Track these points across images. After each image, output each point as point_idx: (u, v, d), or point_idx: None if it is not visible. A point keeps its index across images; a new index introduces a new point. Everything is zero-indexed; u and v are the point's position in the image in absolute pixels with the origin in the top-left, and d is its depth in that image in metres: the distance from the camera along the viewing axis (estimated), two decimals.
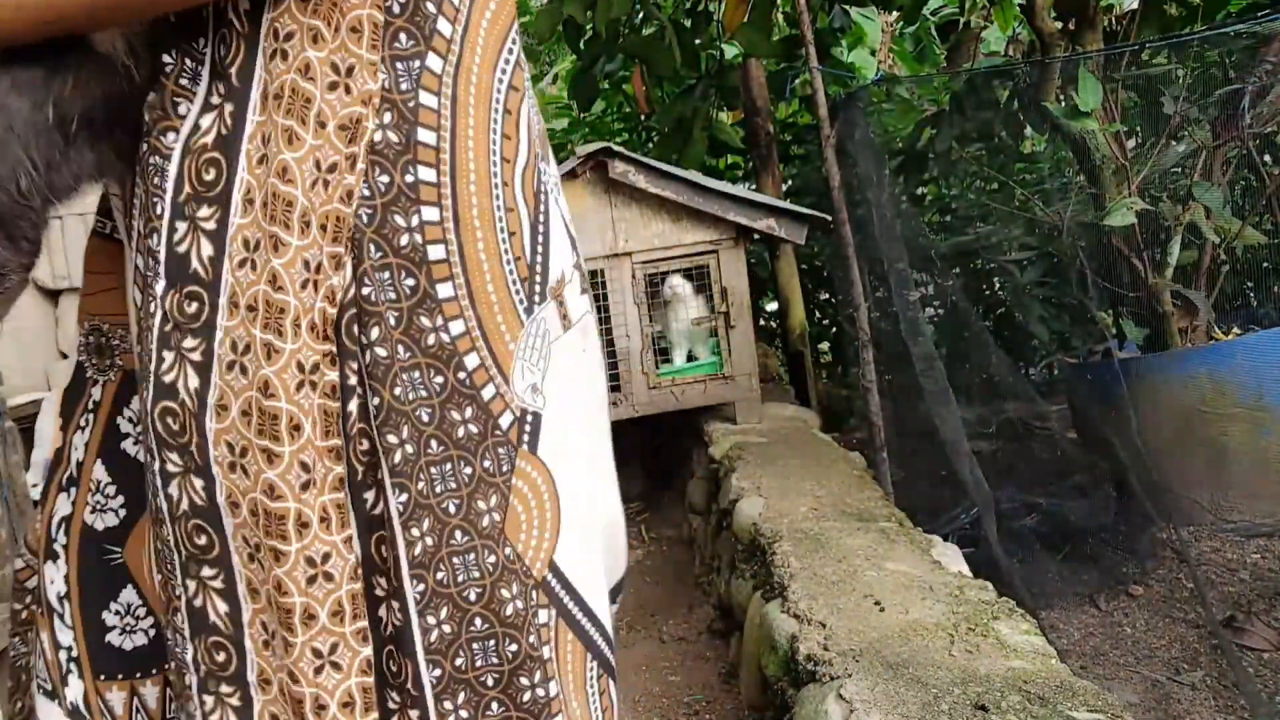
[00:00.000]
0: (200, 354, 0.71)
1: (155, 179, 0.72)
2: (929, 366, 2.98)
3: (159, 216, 0.71)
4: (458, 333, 0.76)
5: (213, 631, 0.73)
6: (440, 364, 0.75)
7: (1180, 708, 2.11)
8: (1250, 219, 3.24)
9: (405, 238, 0.73)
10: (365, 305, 0.71)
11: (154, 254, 0.72)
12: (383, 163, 0.72)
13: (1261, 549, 2.81)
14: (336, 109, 0.71)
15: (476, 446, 0.76)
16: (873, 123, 3.53)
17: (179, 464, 0.72)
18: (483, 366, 0.77)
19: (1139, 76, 3.23)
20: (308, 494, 0.70)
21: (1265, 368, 2.89)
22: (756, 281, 4.18)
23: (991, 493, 2.76)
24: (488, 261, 0.79)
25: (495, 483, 0.77)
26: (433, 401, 0.74)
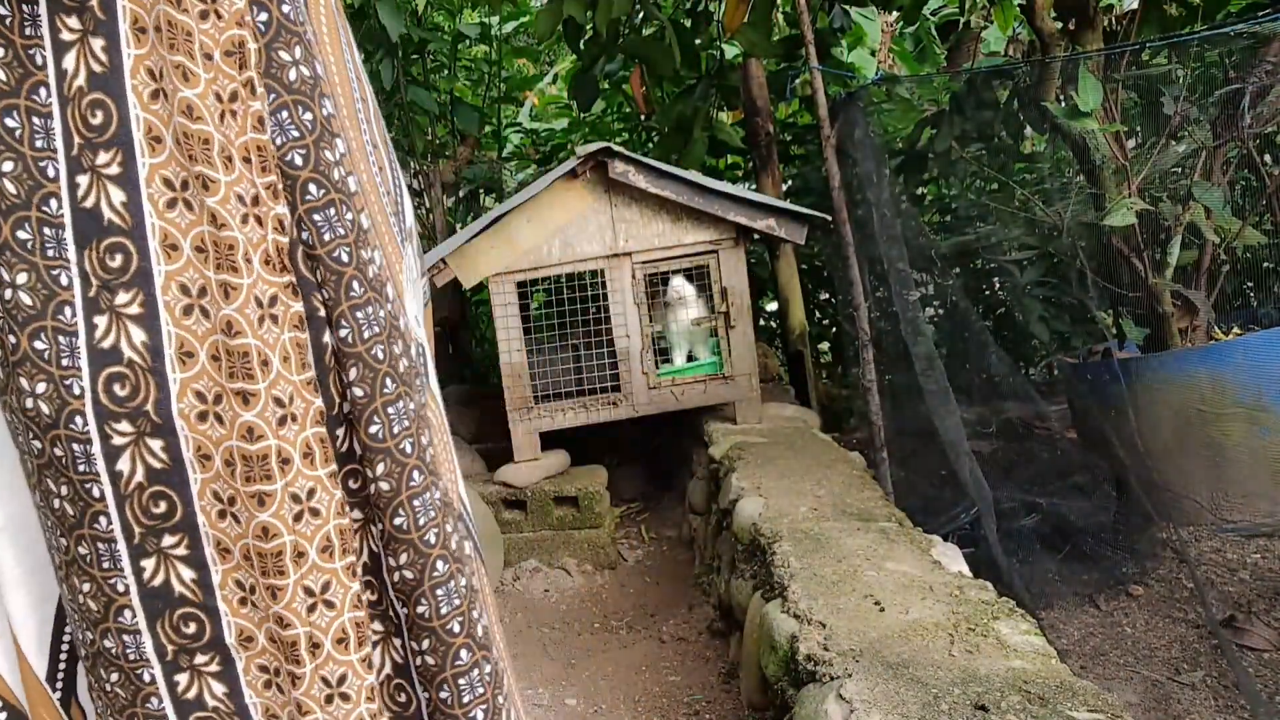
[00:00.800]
0: (139, 305, 0.67)
1: (39, 142, 0.66)
2: (929, 366, 2.98)
3: (53, 180, 0.66)
4: (380, 264, 0.75)
5: (180, 604, 0.70)
6: (377, 296, 0.73)
7: (1180, 708, 2.11)
8: (1250, 219, 3.24)
9: (336, 171, 0.72)
10: (309, 249, 0.70)
11: (52, 221, 0.66)
12: (304, 100, 0.70)
13: (1261, 549, 2.81)
14: (216, 37, 0.67)
15: (413, 379, 0.75)
16: (873, 123, 3.53)
17: (129, 431, 0.67)
18: (398, 298, 0.77)
19: (1139, 76, 3.23)
20: (285, 429, 0.68)
21: (1265, 368, 2.89)
22: (756, 281, 4.18)
23: (991, 493, 2.76)
24: (374, 193, 0.79)
25: (424, 416, 0.76)
26: (382, 337, 0.73)
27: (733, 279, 3.16)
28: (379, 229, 0.77)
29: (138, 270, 0.67)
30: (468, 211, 5.48)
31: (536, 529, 3.22)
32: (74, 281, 0.66)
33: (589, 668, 2.48)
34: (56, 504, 0.68)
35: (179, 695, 0.70)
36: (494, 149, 5.64)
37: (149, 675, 0.69)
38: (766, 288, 4.70)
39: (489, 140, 5.62)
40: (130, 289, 0.67)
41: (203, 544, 0.69)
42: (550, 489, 3.19)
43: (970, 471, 2.76)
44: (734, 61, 4.58)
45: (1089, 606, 2.65)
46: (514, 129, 6.10)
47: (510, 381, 3.16)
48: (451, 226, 5.00)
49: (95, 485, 0.67)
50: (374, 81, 4.37)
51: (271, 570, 0.68)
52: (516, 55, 6.12)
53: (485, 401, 3.93)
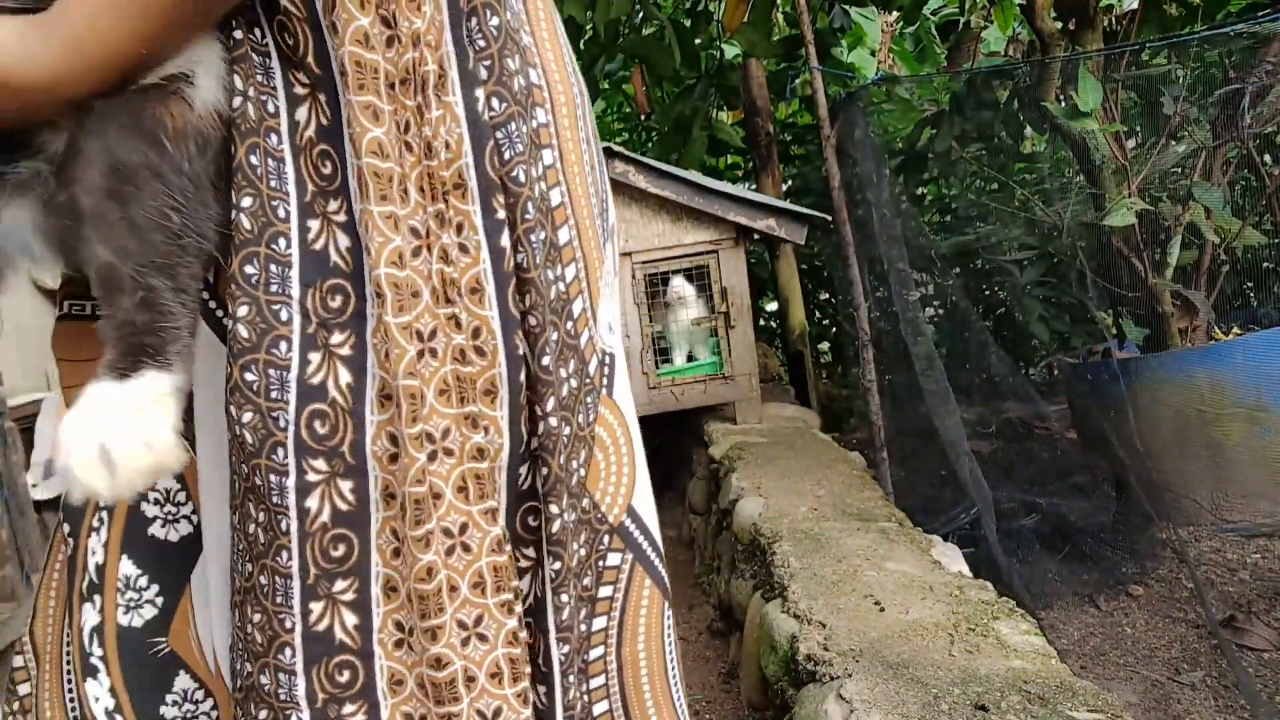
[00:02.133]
0: (350, 347, 0.68)
1: (272, 182, 0.68)
2: (929, 366, 2.98)
3: (283, 220, 0.68)
4: (570, 278, 0.74)
5: (338, 651, 0.70)
6: (557, 318, 0.72)
7: (1180, 708, 2.11)
8: (1250, 219, 3.24)
9: (539, 188, 0.71)
10: (522, 274, 0.69)
11: (279, 259, 0.68)
12: (523, 110, 0.70)
13: (1261, 549, 2.81)
14: (396, 63, 0.67)
15: (575, 402, 0.74)
16: (873, 123, 3.53)
17: (324, 470, 0.68)
18: (585, 312, 0.75)
19: (1139, 76, 3.23)
20: (435, 464, 0.68)
21: (1265, 368, 2.89)
22: (756, 281, 4.18)
23: (991, 493, 2.76)
24: (584, 200, 0.78)
25: (584, 436, 0.75)
26: (553, 361, 0.72)
27: (733, 279, 3.16)
28: (584, 236, 0.76)
29: (355, 312, 0.69)
30: None
31: None
32: (294, 317, 0.68)
33: None
34: (251, 529, 0.70)
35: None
36: None
37: (296, 718, 0.70)
38: (766, 288, 4.70)
39: None
40: (345, 330, 0.68)
41: (370, 586, 0.70)
42: None
43: (970, 471, 2.76)
44: (734, 61, 4.59)
45: (1089, 606, 2.65)
46: None
47: None
48: None
49: (284, 518, 0.68)
50: None
51: (433, 607, 0.68)
52: None
53: None
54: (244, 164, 0.68)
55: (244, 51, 0.68)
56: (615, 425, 0.79)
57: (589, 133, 0.83)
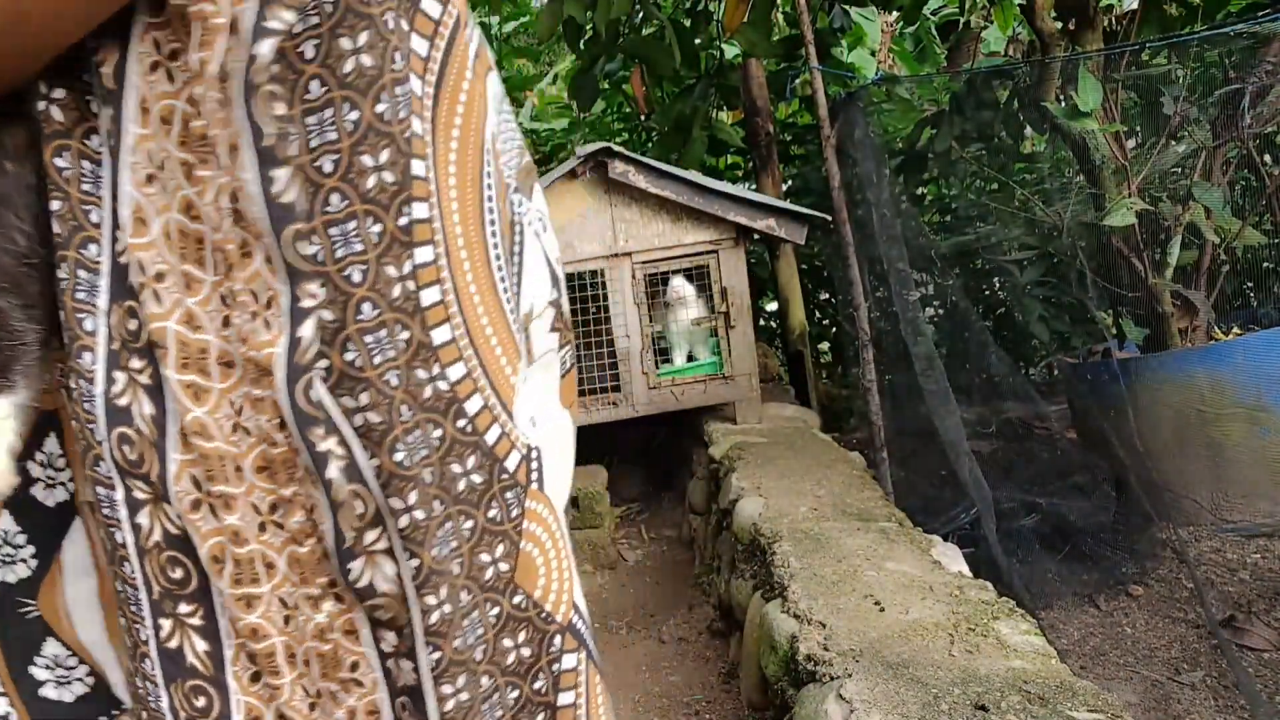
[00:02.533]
0: (148, 376, 0.66)
1: (84, 186, 0.66)
2: (929, 366, 2.98)
3: (94, 225, 0.66)
4: (457, 377, 0.71)
5: (190, 674, 0.68)
6: (439, 415, 0.70)
7: (1180, 708, 2.11)
8: (1250, 219, 3.24)
9: (398, 288, 0.67)
10: (351, 371, 0.66)
11: (89, 266, 0.66)
12: (377, 210, 0.65)
13: (1261, 549, 2.81)
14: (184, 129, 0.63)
15: (480, 498, 0.72)
16: (873, 123, 3.53)
17: (147, 492, 0.67)
18: (487, 408, 0.73)
19: (1139, 76, 3.23)
20: (267, 534, 0.67)
21: (1265, 368, 2.89)
22: (756, 281, 4.18)
23: (991, 493, 2.76)
24: (480, 295, 0.74)
25: (503, 530, 0.73)
26: (432, 459, 0.69)
27: (733, 279, 3.16)
28: (476, 333, 0.73)
29: (147, 343, 0.66)
30: None
31: None
32: (99, 331, 0.66)
33: None
34: (100, 533, 0.69)
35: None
36: None
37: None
38: (766, 288, 4.70)
39: None
40: (144, 358, 0.66)
41: (218, 615, 0.68)
42: None
43: (970, 471, 2.77)
44: (734, 61, 4.59)
45: (1089, 606, 2.65)
46: None
47: None
48: None
49: (118, 531, 0.67)
50: None
51: (266, 671, 0.68)
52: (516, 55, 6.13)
53: None
54: (51, 166, 0.65)
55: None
56: (550, 520, 0.78)
57: (510, 220, 0.80)
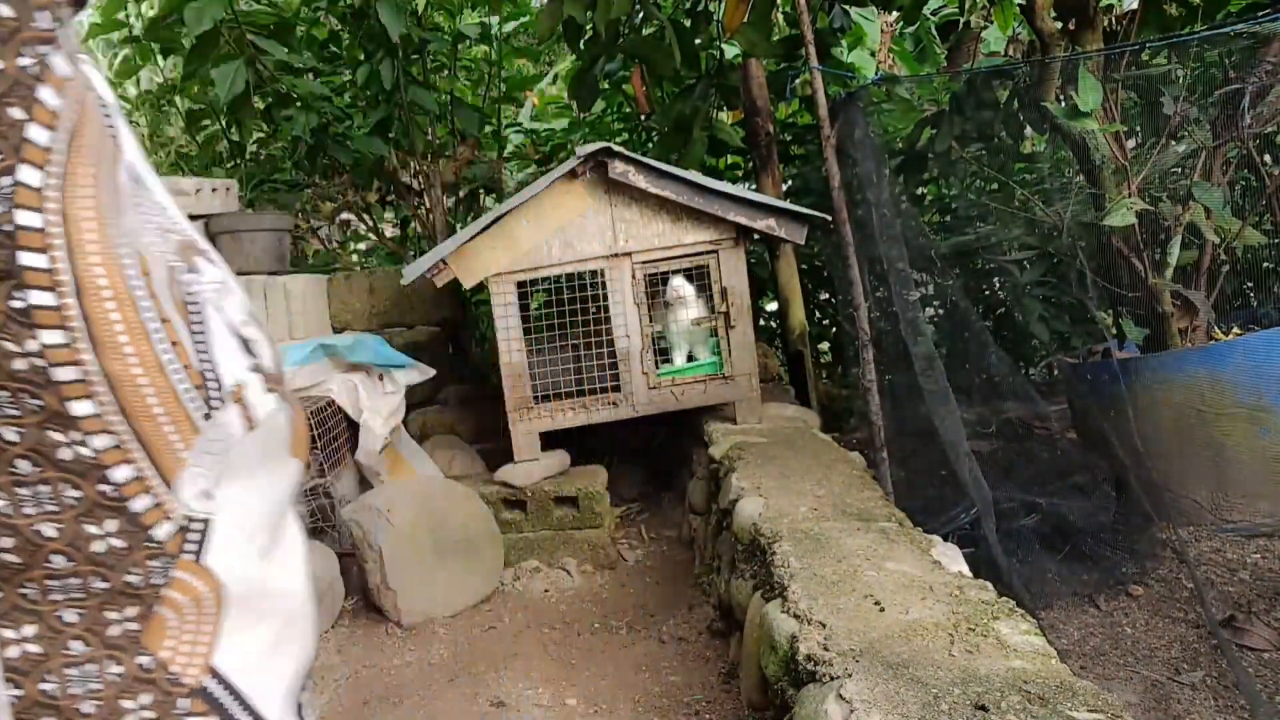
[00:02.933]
0: None
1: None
2: (929, 366, 2.98)
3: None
4: (103, 446, 0.75)
5: None
6: (77, 477, 0.74)
7: (1180, 708, 2.11)
8: (1250, 219, 3.24)
9: (20, 362, 0.71)
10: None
11: None
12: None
13: (1261, 549, 2.81)
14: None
15: (119, 560, 0.76)
16: (873, 123, 3.53)
17: None
18: (138, 479, 0.77)
19: (1139, 76, 3.23)
20: None
21: (1265, 368, 2.89)
22: (756, 281, 4.18)
23: (991, 493, 2.76)
24: (147, 375, 0.77)
25: (139, 594, 0.76)
26: (64, 516, 0.73)
27: (733, 279, 3.16)
28: (132, 410, 0.76)
29: None
30: (468, 212, 5.48)
31: (536, 529, 3.22)
32: None
33: (589, 668, 2.48)
34: None
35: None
36: (494, 149, 5.65)
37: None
38: (766, 288, 4.70)
39: (489, 140, 5.62)
40: None
41: None
42: (550, 489, 3.20)
43: (970, 471, 2.77)
44: (734, 61, 4.59)
45: (1089, 606, 2.65)
46: (514, 129, 6.10)
47: (510, 381, 3.16)
48: (452, 227, 5.00)
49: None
50: (374, 82, 4.37)
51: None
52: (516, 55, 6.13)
53: (485, 401, 3.94)
54: None
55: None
56: (201, 589, 0.80)
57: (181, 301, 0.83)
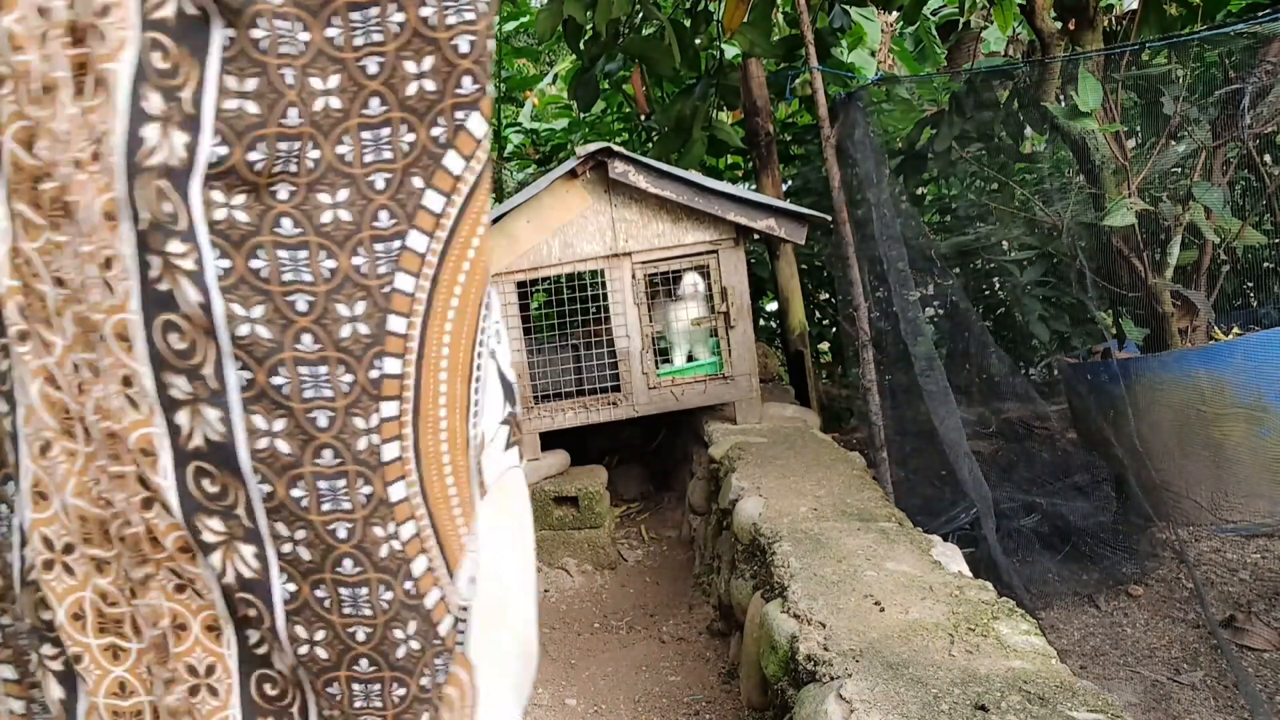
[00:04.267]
0: (9, 423, 0.67)
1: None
2: (929, 366, 2.98)
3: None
4: (408, 536, 0.70)
5: (43, 711, 0.71)
6: (390, 576, 0.69)
7: (1180, 708, 2.11)
8: (1250, 219, 3.24)
9: (362, 441, 0.67)
10: (293, 508, 0.66)
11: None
12: (348, 360, 0.66)
13: (1261, 549, 2.81)
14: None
15: (416, 664, 0.71)
16: (873, 123, 3.53)
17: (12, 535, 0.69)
18: (430, 571, 0.72)
19: (1139, 76, 3.23)
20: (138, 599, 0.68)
21: (1265, 368, 2.89)
22: (756, 281, 4.18)
23: (991, 493, 2.76)
24: (450, 454, 0.72)
25: (429, 698, 0.73)
26: (375, 621, 0.68)
27: (733, 279, 3.16)
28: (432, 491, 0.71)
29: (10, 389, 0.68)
30: None
31: (536, 529, 3.22)
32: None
33: (589, 668, 2.48)
34: None
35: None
36: (494, 149, 5.65)
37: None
38: (766, 288, 4.70)
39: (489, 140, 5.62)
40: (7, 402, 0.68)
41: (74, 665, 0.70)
42: (550, 489, 3.20)
43: (970, 471, 2.77)
44: (734, 61, 4.59)
45: (1089, 606, 2.65)
46: (514, 129, 6.10)
47: None
48: None
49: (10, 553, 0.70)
50: None
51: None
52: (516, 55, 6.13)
53: None
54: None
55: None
56: (465, 680, 0.77)
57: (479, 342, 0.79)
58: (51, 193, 0.62)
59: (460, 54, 0.67)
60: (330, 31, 0.63)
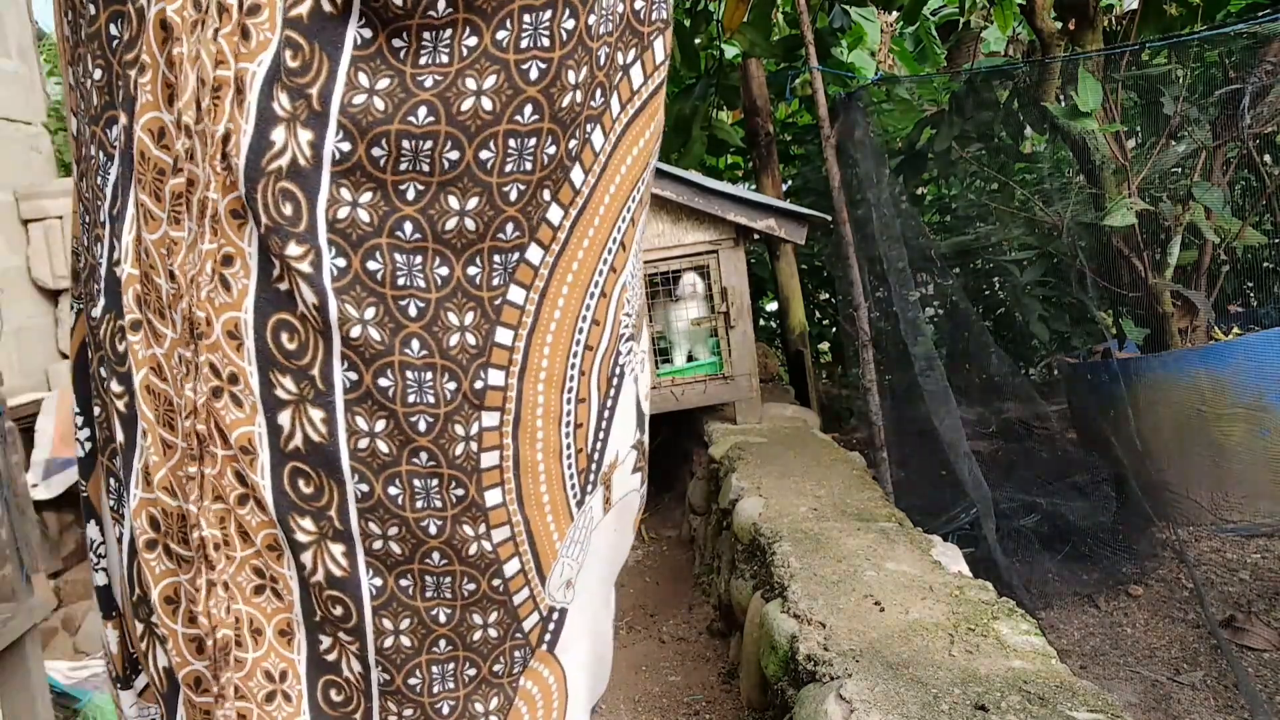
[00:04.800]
0: (124, 404, 0.68)
1: (97, 178, 0.68)
2: (929, 366, 2.98)
3: (101, 224, 0.68)
4: (500, 539, 0.72)
5: (150, 684, 0.72)
6: (477, 572, 0.71)
7: (1180, 708, 2.11)
8: (1250, 219, 3.24)
9: (460, 447, 0.68)
10: (388, 504, 0.67)
11: (96, 267, 0.68)
12: (454, 369, 0.67)
13: (1261, 549, 2.81)
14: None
15: (491, 650, 0.73)
16: (873, 123, 3.52)
17: (118, 515, 0.71)
18: (522, 572, 0.74)
19: (1139, 76, 3.23)
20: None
21: (1265, 368, 2.89)
22: (756, 281, 4.18)
23: (991, 493, 2.76)
24: (545, 461, 0.74)
25: (500, 684, 0.74)
26: (455, 604, 0.70)
27: (733, 279, 3.16)
28: (528, 499, 0.73)
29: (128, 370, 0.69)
30: None
31: None
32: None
33: None
34: None
35: None
36: None
37: None
38: (766, 288, 4.70)
39: None
40: (123, 384, 0.68)
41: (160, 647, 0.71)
42: None
43: (970, 471, 2.76)
44: (734, 61, 4.59)
45: (1089, 606, 2.65)
46: None
47: None
48: None
49: (120, 526, 0.71)
50: None
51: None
52: None
53: None
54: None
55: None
56: (550, 680, 0.78)
57: (609, 375, 0.80)
58: (174, 188, 0.62)
59: (599, 65, 0.68)
60: (500, 34, 0.63)
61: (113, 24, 0.65)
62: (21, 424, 2.82)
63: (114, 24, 0.65)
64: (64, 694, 2.24)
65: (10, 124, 3.46)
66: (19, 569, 1.91)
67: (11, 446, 2.13)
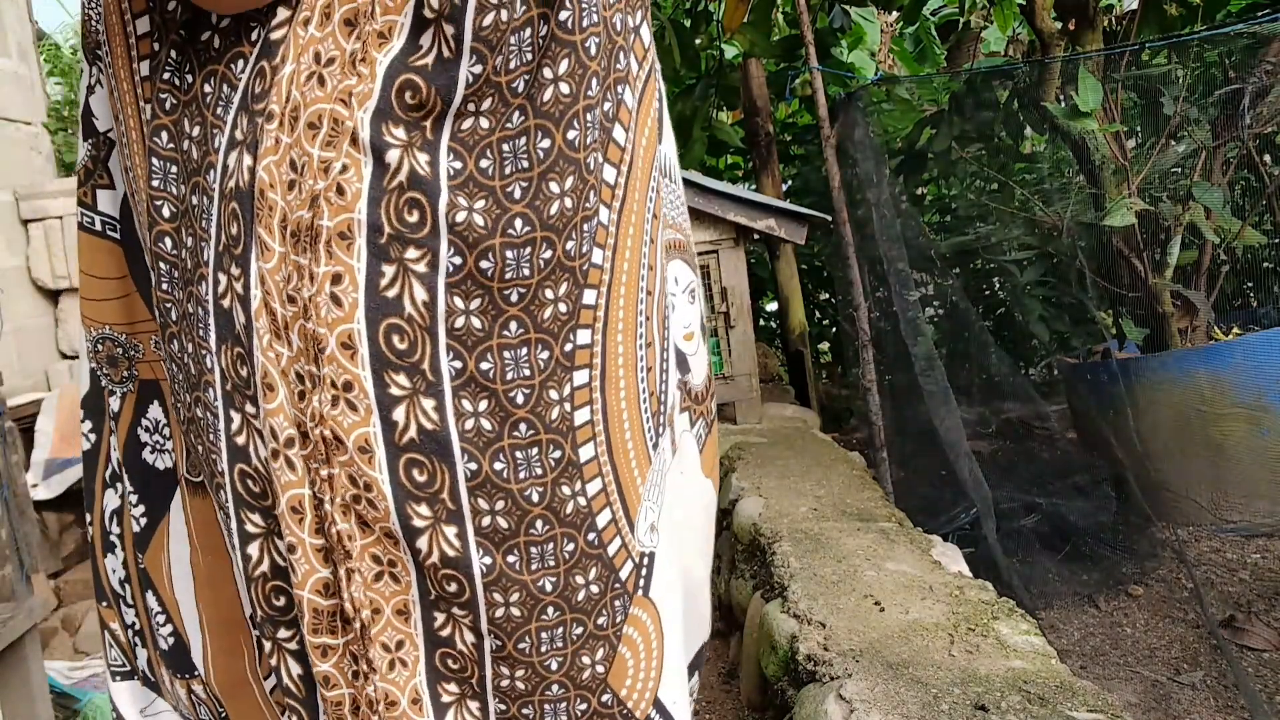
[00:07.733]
0: (261, 421, 0.69)
1: (201, 222, 0.69)
2: (929, 366, 2.98)
3: (205, 263, 0.69)
4: (594, 492, 0.74)
5: (286, 694, 0.74)
6: (574, 530, 0.72)
7: (1180, 708, 2.11)
8: (1250, 219, 3.24)
9: (555, 410, 0.70)
10: (496, 479, 0.69)
11: (203, 303, 0.69)
12: (547, 339, 0.69)
13: (1261, 549, 2.81)
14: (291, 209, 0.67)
15: (594, 606, 0.75)
16: (873, 123, 3.53)
17: (260, 526, 0.71)
18: (613, 522, 0.75)
19: (1139, 76, 3.23)
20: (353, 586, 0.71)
21: (1265, 368, 2.89)
22: (756, 281, 4.18)
23: (991, 493, 2.76)
24: (628, 410, 0.76)
25: (605, 635, 0.76)
26: (559, 570, 0.72)
27: (733, 279, 3.16)
28: (617, 450, 0.75)
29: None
30: None
31: None
32: (215, 370, 0.71)
33: None
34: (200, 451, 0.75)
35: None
36: None
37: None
38: (766, 288, 4.70)
39: None
40: (255, 405, 0.70)
41: None
42: None
43: (970, 471, 2.76)
44: (734, 61, 4.59)
45: (1089, 606, 2.65)
46: None
47: None
48: None
49: (237, 553, 0.73)
50: None
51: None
52: None
53: None
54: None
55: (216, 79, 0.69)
56: (648, 623, 0.80)
57: (665, 313, 0.83)
58: (289, 225, 0.66)
59: (615, 30, 0.72)
60: (563, 15, 0.66)
61: (206, 83, 0.69)
62: (21, 424, 2.83)
63: (207, 83, 0.69)
64: (64, 694, 2.24)
65: (10, 124, 3.47)
66: (19, 569, 1.91)
67: (11, 446, 2.14)
